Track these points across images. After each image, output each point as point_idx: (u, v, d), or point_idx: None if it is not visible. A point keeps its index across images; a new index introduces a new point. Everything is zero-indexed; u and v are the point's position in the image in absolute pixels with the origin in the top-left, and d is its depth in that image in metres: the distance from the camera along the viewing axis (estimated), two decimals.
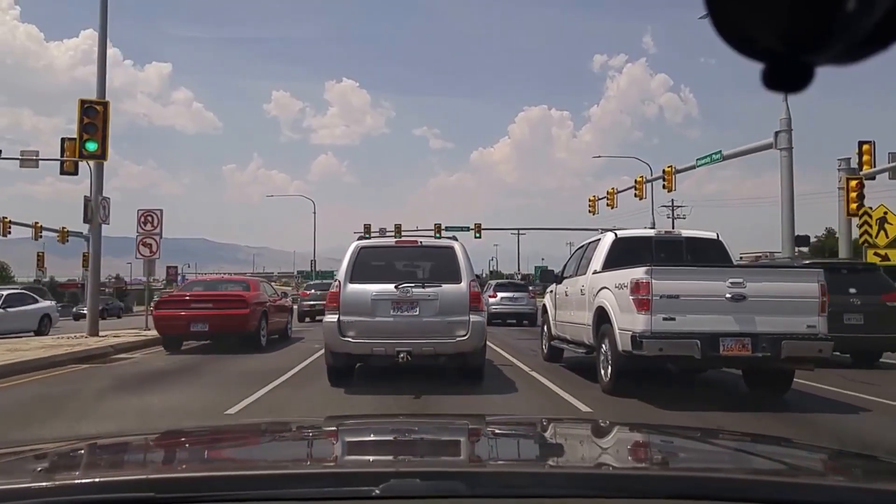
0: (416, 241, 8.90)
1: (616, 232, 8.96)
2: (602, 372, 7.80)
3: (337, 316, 7.75)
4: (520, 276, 53.03)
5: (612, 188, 35.32)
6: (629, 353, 7.04)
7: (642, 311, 6.89)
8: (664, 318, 6.83)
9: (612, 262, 8.29)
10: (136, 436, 2.30)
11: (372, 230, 37.44)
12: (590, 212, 35.72)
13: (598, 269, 8.45)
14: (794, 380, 7.57)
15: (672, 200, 46.62)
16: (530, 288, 24.65)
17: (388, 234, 38.00)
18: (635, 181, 32.73)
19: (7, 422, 6.55)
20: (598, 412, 6.53)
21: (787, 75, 0.65)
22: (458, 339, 7.68)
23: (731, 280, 6.93)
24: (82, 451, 1.81)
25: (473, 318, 7.74)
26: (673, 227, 31.45)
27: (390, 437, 2.07)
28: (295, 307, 20.83)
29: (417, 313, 7.72)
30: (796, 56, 0.63)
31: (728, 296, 6.86)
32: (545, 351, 11.07)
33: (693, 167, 28.50)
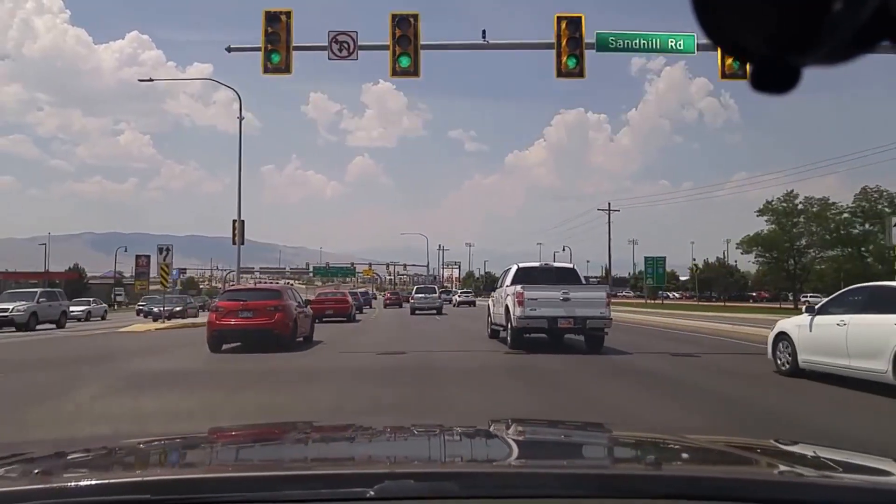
0: (427, 286, 51.29)
1: (520, 264, 15.89)
2: (508, 339, 14.68)
3: (413, 300, 38.92)
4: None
5: None
6: (515, 327, 13.94)
7: (520, 306, 13.77)
8: (530, 310, 13.73)
9: (516, 280, 15.10)
10: (132, 439, 2.31)
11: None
12: None
13: (509, 283, 15.29)
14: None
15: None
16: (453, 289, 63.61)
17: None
18: None
19: None
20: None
21: (774, 77, 0.66)
22: (437, 304, 38.82)
23: (563, 290, 13.81)
24: (78, 454, 1.85)
25: (440, 300, 41.23)
26: None
27: (384, 439, 2.12)
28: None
29: (430, 300, 38.33)
30: (783, 58, 0.64)
31: (561, 298, 13.72)
32: (489, 332, 17.78)
33: None
